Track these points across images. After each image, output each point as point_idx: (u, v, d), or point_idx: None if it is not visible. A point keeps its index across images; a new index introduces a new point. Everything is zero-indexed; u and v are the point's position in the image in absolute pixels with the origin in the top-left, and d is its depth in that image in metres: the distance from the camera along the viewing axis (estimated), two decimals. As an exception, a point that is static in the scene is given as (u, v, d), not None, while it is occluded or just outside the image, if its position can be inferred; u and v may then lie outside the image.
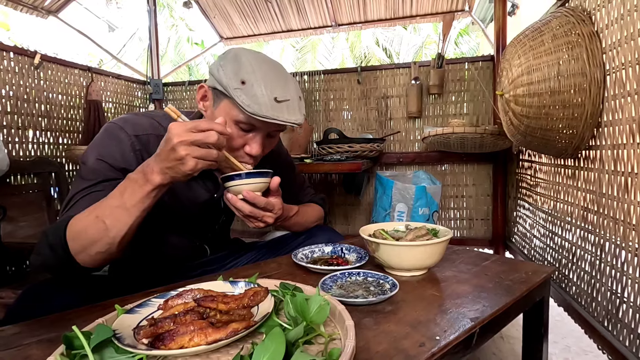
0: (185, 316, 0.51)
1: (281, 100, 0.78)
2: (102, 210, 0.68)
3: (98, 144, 0.80)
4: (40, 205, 1.93)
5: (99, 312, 0.63)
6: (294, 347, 0.46)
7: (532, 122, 1.22)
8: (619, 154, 1.00)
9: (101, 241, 0.67)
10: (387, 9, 2.91)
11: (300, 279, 0.78)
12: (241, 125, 0.80)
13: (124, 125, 0.82)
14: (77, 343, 0.46)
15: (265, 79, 0.78)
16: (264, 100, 0.76)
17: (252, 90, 0.76)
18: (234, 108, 0.79)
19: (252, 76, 0.77)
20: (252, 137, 0.83)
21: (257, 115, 0.76)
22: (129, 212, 0.67)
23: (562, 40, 1.12)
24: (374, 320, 0.60)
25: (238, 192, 0.81)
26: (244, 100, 0.76)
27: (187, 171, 0.66)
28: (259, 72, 0.78)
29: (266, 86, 0.77)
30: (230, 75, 0.77)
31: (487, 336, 0.65)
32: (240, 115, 0.79)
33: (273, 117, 0.77)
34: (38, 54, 1.97)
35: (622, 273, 0.99)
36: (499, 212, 2.27)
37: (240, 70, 0.78)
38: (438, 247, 0.79)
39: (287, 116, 0.79)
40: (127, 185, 0.68)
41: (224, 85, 0.78)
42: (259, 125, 0.81)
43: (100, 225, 0.67)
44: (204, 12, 3.11)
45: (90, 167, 0.78)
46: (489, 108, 2.26)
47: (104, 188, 0.75)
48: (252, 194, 0.80)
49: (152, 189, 0.67)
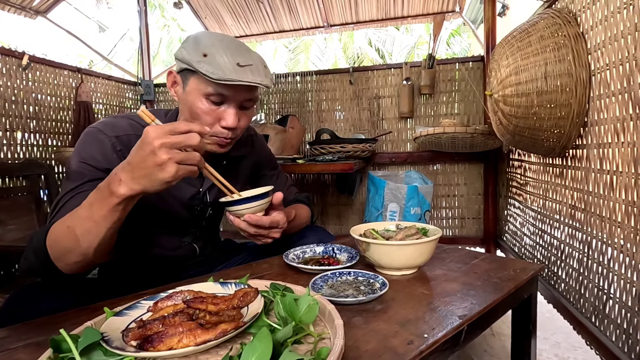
0: (175, 318, 0.51)
1: (244, 65, 0.79)
2: (73, 221, 0.66)
3: (80, 149, 0.81)
4: (30, 208, 1.90)
5: (87, 314, 0.63)
6: (283, 347, 0.47)
7: (521, 121, 1.24)
8: (605, 153, 1.02)
9: (74, 252, 0.66)
10: (378, 9, 2.92)
11: (291, 279, 0.78)
12: (211, 98, 0.81)
13: (103, 128, 0.83)
14: (65, 346, 0.46)
15: (226, 49, 0.80)
16: (227, 67, 0.77)
17: (215, 60, 0.77)
18: (201, 82, 0.80)
19: (212, 49, 0.79)
20: (225, 110, 0.83)
21: (222, 80, 0.76)
22: (98, 225, 0.64)
23: (548, 42, 1.14)
24: (364, 319, 0.61)
25: (240, 215, 0.82)
26: (208, 69, 0.77)
27: (166, 178, 0.60)
28: (220, 45, 0.80)
29: (227, 54, 0.79)
30: (192, 52, 0.79)
31: (475, 333, 0.66)
32: (209, 88, 0.80)
33: (238, 78, 0.77)
34: (26, 55, 1.95)
35: (609, 270, 1.01)
36: (490, 210, 2.29)
37: (200, 45, 0.80)
38: (427, 246, 0.79)
39: (251, 77, 0.79)
40: (96, 196, 0.65)
41: (188, 62, 0.79)
42: (228, 94, 0.81)
43: (72, 236, 0.65)
44: (195, 12, 3.10)
45: (75, 171, 0.78)
46: (480, 108, 2.28)
47: (90, 187, 0.74)
48: (254, 217, 0.82)
49: (118, 202, 0.62)
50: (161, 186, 0.62)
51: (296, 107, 2.62)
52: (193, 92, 0.82)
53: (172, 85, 0.87)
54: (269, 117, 2.65)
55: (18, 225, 1.81)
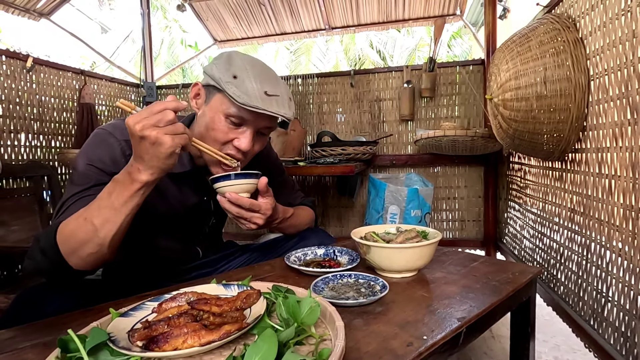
0: (179, 319, 0.52)
1: (271, 95, 0.81)
2: (91, 212, 0.68)
3: (88, 150, 0.81)
4: (33, 209, 1.92)
5: (93, 316, 0.64)
6: (285, 348, 0.48)
7: (520, 125, 1.25)
8: (603, 157, 1.03)
9: (91, 242, 0.68)
10: (379, 12, 2.94)
11: (292, 282, 0.79)
12: (232, 118, 0.82)
13: (113, 130, 0.83)
14: (73, 346, 0.47)
15: (256, 75, 0.81)
16: (254, 93, 0.79)
17: (244, 84, 0.79)
18: (225, 101, 0.81)
19: (244, 72, 0.80)
20: (242, 132, 0.84)
21: (246, 105, 0.78)
22: (118, 212, 0.68)
23: (548, 47, 1.15)
24: (364, 321, 0.62)
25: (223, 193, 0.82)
26: (235, 91, 0.78)
27: (167, 150, 0.64)
28: (251, 70, 0.82)
29: (257, 81, 0.80)
30: (222, 71, 0.81)
31: (474, 335, 0.67)
32: (231, 108, 0.81)
33: (263, 107, 0.79)
34: (30, 57, 1.97)
35: (607, 273, 1.02)
36: (490, 213, 2.30)
37: (233, 66, 0.81)
38: (427, 249, 0.80)
39: (276, 108, 0.81)
40: (114, 186, 0.69)
41: (216, 80, 0.80)
42: (249, 119, 0.82)
43: (89, 227, 0.67)
44: (197, 15, 3.12)
45: (81, 172, 0.79)
46: (480, 111, 2.30)
47: (95, 192, 0.75)
48: (234, 196, 0.81)
49: (140, 187, 0.67)
50: (167, 160, 0.66)
51: (297, 109, 2.63)
52: (215, 108, 0.83)
53: (195, 97, 0.88)
54: (270, 120, 2.67)
55: (21, 226, 1.83)
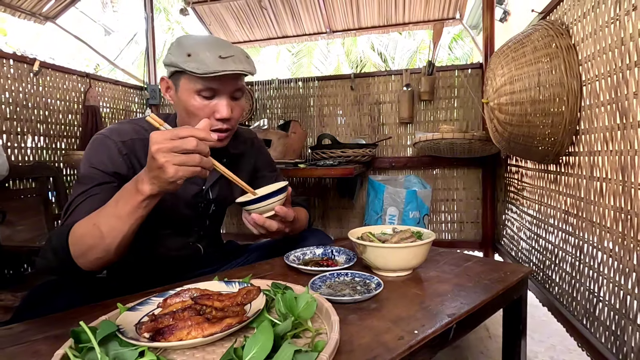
0: (184, 312, 0.55)
1: (226, 57, 0.85)
2: (99, 218, 0.72)
3: (89, 154, 0.86)
4: (39, 209, 1.95)
5: (100, 311, 0.67)
6: (283, 340, 0.51)
7: (515, 129, 1.28)
8: (595, 161, 1.06)
9: (98, 247, 0.71)
10: (380, 16, 2.98)
11: (291, 280, 0.82)
12: (202, 93, 0.87)
13: (109, 134, 0.88)
14: (84, 337, 0.50)
15: (207, 45, 0.86)
16: (209, 61, 0.83)
17: (198, 57, 0.83)
18: (190, 80, 0.86)
19: (195, 48, 0.85)
20: (217, 103, 0.88)
21: (208, 73, 0.82)
22: (123, 221, 0.70)
23: (542, 52, 1.18)
24: (359, 317, 0.65)
25: (266, 211, 0.84)
26: (193, 66, 0.82)
27: (168, 179, 0.65)
28: (202, 43, 0.86)
29: (209, 50, 0.85)
30: (177, 55, 0.85)
31: (464, 331, 0.70)
32: (198, 84, 0.85)
33: (222, 69, 0.83)
34: (37, 61, 2.01)
35: (599, 273, 1.05)
36: (488, 215, 2.32)
37: (184, 47, 0.86)
38: (421, 249, 0.84)
39: (234, 66, 0.84)
40: (122, 194, 0.72)
41: (175, 65, 0.85)
42: (217, 87, 0.87)
43: (96, 233, 0.71)
44: (200, 18, 3.17)
45: (85, 175, 0.84)
46: (478, 114, 2.32)
47: (100, 191, 0.81)
48: (284, 209, 0.85)
49: (143, 199, 0.69)
50: (169, 185, 0.67)
51: (298, 112, 2.67)
52: (185, 91, 0.87)
53: (167, 91, 0.94)
54: (271, 123, 2.70)
55: (27, 226, 1.86)
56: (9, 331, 0.64)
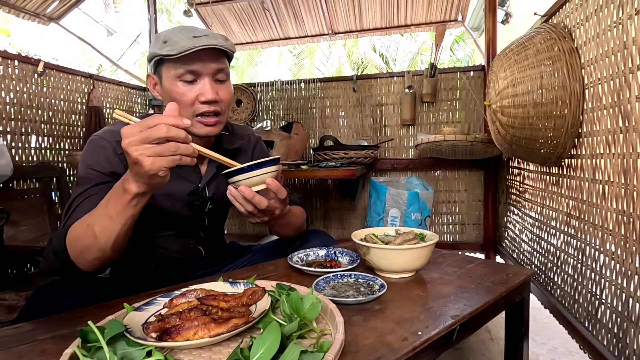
0: (190, 313, 0.56)
1: (199, 35, 0.86)
2: (92, 219, 0.72)
3: (85, 156, 0.87)
4: (42, 210, 1.96)
5: (106, 311, 0.68)
6: (289, 341, 0.51)
7: (518, 131, 1.29)
8: (597, 163, 1.06)
9: (93, 248, 0.72)
10: (382, 18, 2.99)
11: (295, 281, 0.82)
12: (184, 78, 0.86)
13: (103, 135, 0.89)
14: (92, 337, 0.50)
15: (181, 30, 0.88)
16: (183, 41, 0.84)
17: (172, 40, 0.85)
18: (170, 67, 0.86)
19: (170, 35, 0.87)
20: (200, 86, 0.88)
21: (182, 52, 0.82)
22: (114, 221, 0.70)
23: (544, 55, 1.19)
24: (363, 318, 0.66)
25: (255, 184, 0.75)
26: (169, 49, 0.83)
27: (147, 172, 0.62)
28: (177, 30, 0.88)
29: (183, 33, 0.86)
30: (155, 46, 0.87)
31: (467, 333, 0.70)
32: (177, 68, 0.86)
33: (195, 45, 0.83)
34: (41, 62, 2.02)
35: (601, 276, 1.05)
36: (490, 217, 2.33)
37: (160, 37, 0.88)
38: (424, 251, 0.84)
39: (207, 41, 0.85)
40: (112, 194, 0.71)
41: (154, 55, 0.87)
42: (196, 68, 0.86)
43: (90, 233, 0.71)
44: (203, 19, 3.18)
45: (83, 176, 0.85)
46: (480, 116, 2.33)
47: (98, 191, 0.81)
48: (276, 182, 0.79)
49: (131, 198, 0.67)
50: (152, 179, 0.64)
51: (300, 113, 2.68)
52: (167, 80, 0.88)
53: (154, 88, 0.94)
54: (273, 124, 2.71)
55: (31, 226, 1.87)
56: (16, 330, 0.64)
